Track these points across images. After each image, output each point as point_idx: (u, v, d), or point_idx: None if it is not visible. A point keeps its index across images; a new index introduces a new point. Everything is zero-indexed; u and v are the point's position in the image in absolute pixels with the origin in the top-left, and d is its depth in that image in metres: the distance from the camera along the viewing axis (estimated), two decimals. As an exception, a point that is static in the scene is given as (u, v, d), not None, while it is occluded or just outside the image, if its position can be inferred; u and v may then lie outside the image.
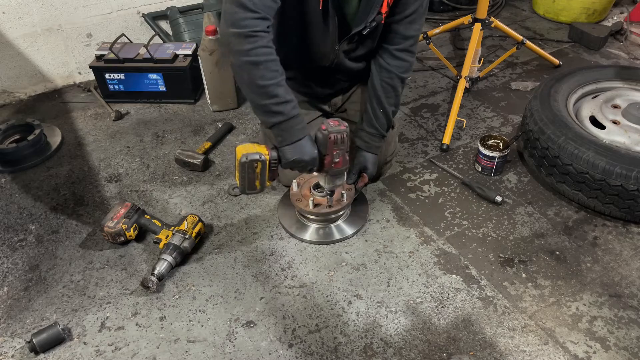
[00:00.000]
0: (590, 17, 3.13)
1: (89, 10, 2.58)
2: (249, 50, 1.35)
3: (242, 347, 1.46)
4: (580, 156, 1.75)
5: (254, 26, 1.34)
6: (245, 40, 1.35)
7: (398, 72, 1.67)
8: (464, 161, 2.12)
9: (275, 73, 1.41)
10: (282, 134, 1.47)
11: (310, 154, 1.50)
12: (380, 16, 1.53)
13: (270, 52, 1.39)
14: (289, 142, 1.47)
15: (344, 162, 1.55)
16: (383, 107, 1.70)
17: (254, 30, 1.34)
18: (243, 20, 1.33)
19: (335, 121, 1.50)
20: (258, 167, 1.50)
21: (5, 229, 1.87)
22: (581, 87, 2.15)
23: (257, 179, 1.53)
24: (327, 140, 1.48)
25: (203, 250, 1.76)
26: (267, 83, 1.40)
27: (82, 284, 1.66)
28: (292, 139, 1.47)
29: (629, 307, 1.53)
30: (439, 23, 3.17)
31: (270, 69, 1.39)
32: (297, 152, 1.48)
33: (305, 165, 1.51)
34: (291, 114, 1.45)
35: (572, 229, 1.80)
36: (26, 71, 2.59)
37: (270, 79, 1.40)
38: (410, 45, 1.66)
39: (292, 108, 1.45)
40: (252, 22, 1.34)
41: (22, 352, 1.47)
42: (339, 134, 1.48)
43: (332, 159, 1.52)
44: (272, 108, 1.43)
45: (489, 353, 1.42)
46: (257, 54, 1.36)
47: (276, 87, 1.41)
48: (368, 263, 1.69)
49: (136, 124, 2.42)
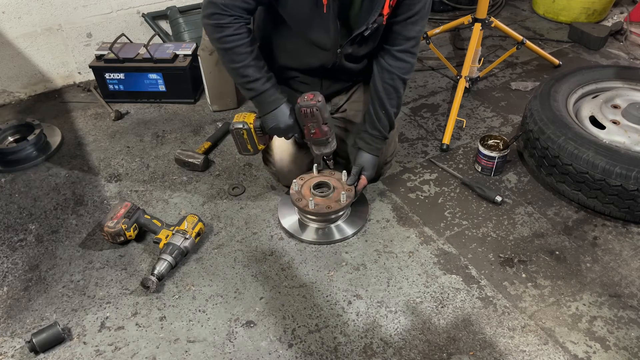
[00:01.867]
0: (590, 17, 3.13)
1: (89, 10, 2.58)
2: (219, 39, 1.54)
3: (242, 347, 1.46)
4: (580, 156, 1.75)
5: (221, 19, 1.51)
6: (215, 30, 1.53)
7: (399, 73, 1.68)
8: (463, 161, 2.12)
9: (243, 56, 1.56)
10: (259, 106, 1.68)
11: (284, 122, 1.66)
12: (381, 18, 1.53)
13: (238, 38, 1.54)
14: (265, 112, 1.67)
15: (321, 133, 1.67)
16: (385, 109, 1.71)
17: (221, 23, 1.51)
18: (212, 14, 1.51)
19: (310, 95, 1.62)
20: (244, 134, 1.72)
21: (5, 229, 1.87)
22: (581, 87, 2.15)
23: (247, 143, 1.75)
24: (300, 114, 1.63)
25: (203, 250, 1.76)
26: (236, 66, 1.58)
27: (82, 284, 1.66)
28: (267, 109, 1.66)
29: (628, 307, 1.54)
30: (439, 23, 3.17)
31: (238, 52, 1.56)
32: (273, 120, 1.67)
33: (283, 132, 1.69)
34: (261, 90, 1.62)
35: (572, 229, 1.80)
36: (26, 71, 2.59)
37: (239, 62, 1.57)
38: (412, 47, 1.66)
39: (261, 84, 1.61)
40: (220, 16, 1.51)
41: (22, 352, 1.47)
42: (308, 108, 1.61)
43: (309, 130, 1.67)
44: (245, 86, 1.63)
45: (489, 353, 1.42)
46: (225, 41, 1.54)
47: (245, 69, 1.58)
48: (368, 263, 1.69)
49: (136, 123, 2.42)
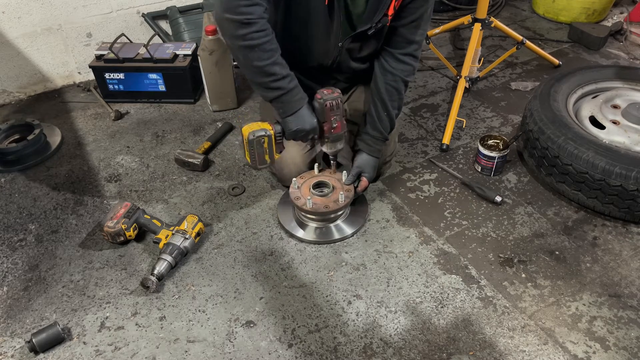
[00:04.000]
0: (590, 17, 3.13)
1: (89, 9, 2.58)
2: (244, 35, 1.39)
3: (241, 347, 1.46)
4: (580, 156, 1.75)
5: (249, 13, 1.37)
6: (240, 27, 1.38)
7: (402, 75, 1.68)
8: (463, 161, 2.12)
9: (270, 53, 1.45)
10: (283, 106, 1.55)
11: (310, 122, 1.58)
12: (386, 18, 1.53)
13: (265, 34, 1.43)
14: (289, 113, 1.55)
15: (342, 127, 1.64)
16: (387, 110, 1.71)
17: (248, 18, 1.37)
18: (237, 7, 1.36)
19: (328, 89, 1.58)
20: (265, 142, 1.60)
21: (5, 229, 1.87)
22: (581, 87, 2.15)
23: (265, 153, 1.64)
24: (324, 108, 1.57)
25: (203, 250, 1.76)
26: (263, 64, 1.45)
27: (81, 284, 1.66)
28: (293, 109, 1.54)
29: (628, 307, 1.54)
30: (439, 23, 3.16)
31: (265, 49, 1.44)
32: (299, 121, 1.56)
33: (307, 133, 1.59)
34: (289, 87, 1.51)
35: (571, 229, 1.80)
36: (26, 71, 2.59)
37: (266, 59, 1.45)
38: (415, 50, 1.67)
39: (289, 82, 1.51)
40: (247, 10, 1.37)
41: (22, 352, 1.47)
42: (334, 101, 1.57)
43: (330, 125, 1.61)
44: (270, 85, 1.50)
45: (489, 353, 1.42)
46: (251, 38, 1.40)
47: (272, 66, 1.47)
48: (368, 263, 1.69)
49: (136, 123, 2.42)
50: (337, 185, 1.79)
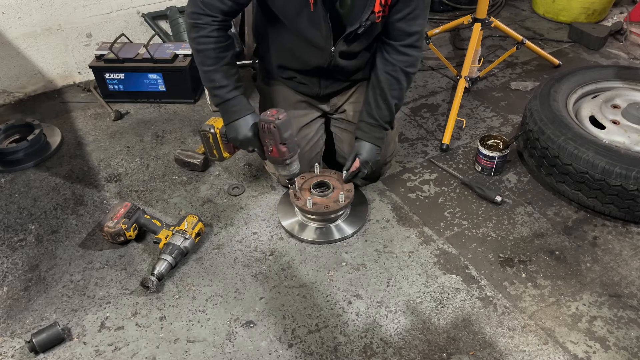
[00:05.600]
0: (590, 17, 3.13)
1: (89, 10, 2.58)
2: (194, 38, 1.56)
3: (241, 347, 1.46)
4: (580, 156, 1.75)
5: (198, 19, 1.53)
6: (191, 29, 1.56)
7: (402, 65, 1.68)
8: (463, 161, 2.12)
9: (214, 60, 1.58)
10: (223, 114, 1.67)
11: (243, 134, 1.63)
12: (374, 15, 1.53)
13: (211, 41, 1.55)
14: (227, 122, 1.66)
15: (279, 153, 1.60)
16: (385, 99, 1.71)
17: (197, 23, 1.54)
18: (191, 12, 1.54)
19: (274, 110, 1.56)
20: (210, 138, 1.73)
21: (5, 229, 1.87)
22: (581, 87, 2.15)
23: (213, 148, 1.75)
24: (259, 127, 1.59)
25: (203, 250, 1.76)
26: (206, 69, 1.60)
27: (81, 284, 1.66)
28: (230, 118, 1.65)
29: (628, 307, 1.54)
30: (439, 23, 3.17)
31: (209, 56, 1.57)
32: (233, 131, 1.65)
33: (241, 144, 1.67)
34: (225, 97, 1.62)
35: (571, 229, 1.80)
36: (26, 71, 2.59)
37: (210, 65, 1.58)
38: (416, 41, 1.66)
39: (226, 92, 1.61)
40: (197, 16, 1.53)
41: (22, 352, 1.47)
42: (267, 124, 1.55)
43: (267, 147, 1.62)
44: (212, 91, 1.65)
45: (489, 353, 1.42)
46: (199, 42, 1.56)
47: (213, 73, 1.59)
48: (368, 263, 1.69)
49: (136, 123, 2.42)
50: (338, 185, 1.79)
